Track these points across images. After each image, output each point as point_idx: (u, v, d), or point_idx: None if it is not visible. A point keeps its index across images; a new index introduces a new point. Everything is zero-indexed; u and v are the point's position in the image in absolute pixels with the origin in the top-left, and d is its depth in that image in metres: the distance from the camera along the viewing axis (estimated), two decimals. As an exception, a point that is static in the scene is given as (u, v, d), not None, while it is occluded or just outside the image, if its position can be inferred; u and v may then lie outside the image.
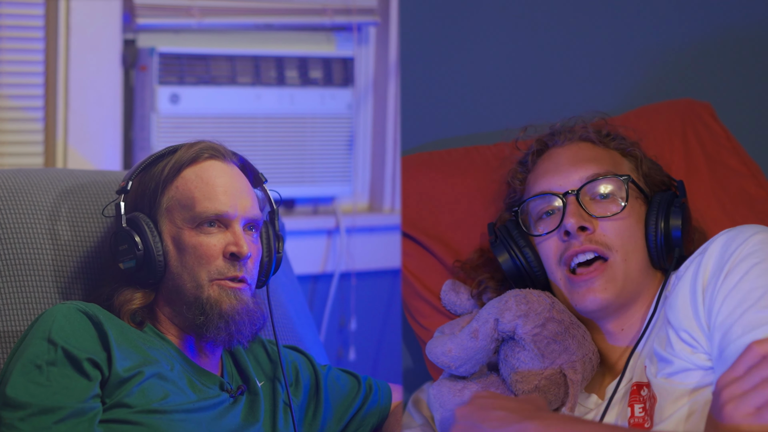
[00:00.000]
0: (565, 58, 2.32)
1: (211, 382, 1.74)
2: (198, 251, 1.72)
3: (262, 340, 1.88)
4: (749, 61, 2.42)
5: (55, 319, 1.64)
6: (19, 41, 2.54)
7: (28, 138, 2.56)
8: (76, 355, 1.61)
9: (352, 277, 2.84)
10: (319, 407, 1.85)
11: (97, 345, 1.64)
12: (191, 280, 1.72)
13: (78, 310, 1.67)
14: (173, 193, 1.74)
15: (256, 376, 1.80)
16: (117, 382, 1.62)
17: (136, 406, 1.62)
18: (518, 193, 1.88)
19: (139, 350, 1.67)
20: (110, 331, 1.65)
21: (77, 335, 1.63)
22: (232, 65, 2.70)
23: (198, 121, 2.66)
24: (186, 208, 1.73)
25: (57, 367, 1.60)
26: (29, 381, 1.59)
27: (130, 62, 2.64)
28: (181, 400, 1.67)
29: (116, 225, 1.75)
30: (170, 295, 1.73)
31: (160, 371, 1.67)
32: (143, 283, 1.73)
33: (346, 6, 2.81)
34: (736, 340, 1.52)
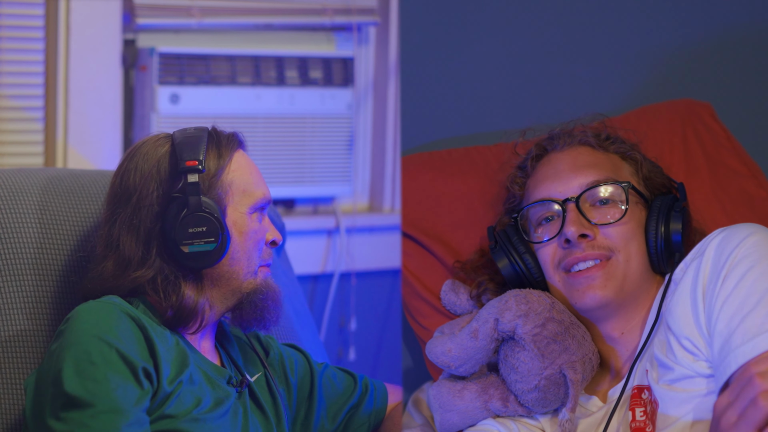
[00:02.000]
0: (565, 58, 2.32)
1: (220, 376, 1.71)
2: (257, 237, 1.71)
3: (258, 335, 1.88)
4: (749, 61, 2.42)
5: (99, 317, 1.57)
6: (19, 41, 2.54)
7: (28, 138, 2.56)
8: (132, 360, 1.54)
9: (352, 277, 2.84)
10: (312, 404, 1.85)
11: (146, 353, 1.57)
12: (249, 265, 1.70)
13: (121, 311, 1.60)
14: (231, 177, 1.70)
15: (246, 370, 1.80)
16: (163, 395, 1.57)
17: (178, 416, 1.58)
18: (518, 198, 1.88)
19: (175, 355, 1.62)
20: (155, 338, 1.59)
21: (130, 339, 1.56)
22: (232, 65, 2.70)
23: (198, 121, 2.65)
24: (245, 193, 1.71)
25: (114, 366, 1.53)
26: (86, 378, 1.51)
27: (130, 62, 2.64)
28: (209, 402, 1.64)
29: (192, 205, 1.64)
30: (219, 280, 1.69)
31: (190, 375, 1.63)
32: (199, 267, 1.66)
33: (346, 6, 2.81)
34: (736, 349, 1.52)
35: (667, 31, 2.37)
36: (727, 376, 1.52)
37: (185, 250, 1.64)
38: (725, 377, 1.52)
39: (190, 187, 1.65)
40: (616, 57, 2.35)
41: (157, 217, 1.67)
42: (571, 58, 2.32)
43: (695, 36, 2.38)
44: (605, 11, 2.35)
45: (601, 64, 2.35)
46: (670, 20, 2.37)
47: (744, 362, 1.49)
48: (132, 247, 1.67)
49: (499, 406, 1.76)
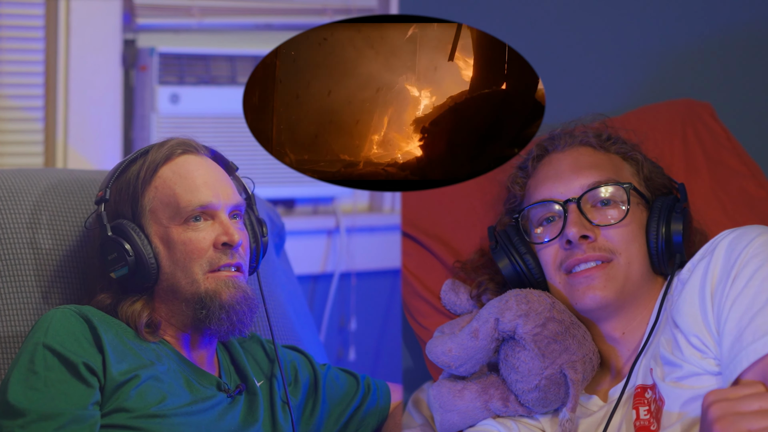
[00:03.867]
0: (565, 58, 2.32)
1: (208, 382, 1.73)
2: (188, 247, 1.71)
3: (260, 339, 1.88)
4: (749, 61, 2.42)
5: (50, 323, 1.63)
6: (19, 41, 2.54)
7: (28, 138, 2.56)
8: (71, 359, 1.60)
9: (352, 277, 2.84)
10: (317, 406, 1.85)
11: (92, 348, 1.63)
12: (186, 277, 1.71)
13: (73, 312, 1.66)
14: (153, 193, 1.73)
15: (255, 375, 1.80)
16: (113, 386, 1.61)
17: (135, 411, 1.61)
18: (518, 198, 1.88)
19: (134, 353, 1.67)
20: (104, 335, 1.64)
21: (72, 339, 1.62)
22: (232, 65, 2.70)
23: (198, 121, 2.66)
24: (169, 205, 1.72)
25: (53, 372, 1.59)
26: (27, 387, 1.58)
27: (130, 62, 2.64)
28: (179, 402, 1.66)
29: (101, 235, 1.73)
30: (166, 295, 1.73)
31: (157, 373, 1.66)
32: (138, 288, 1.72)
33: (346, 6, 2.81)
34: (747, 347, 1.52)
35: (667, 31, 2.37)
36: (738, 373, 1.52)
37: (113, 276, 1.71)
38: (735, 374, 1.53)
39: (98, 218, 1.74)
40: (616, 57, 2.35)
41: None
42: (571, 59, 2.32)
43: (695, 36, 2.38)
44: (605, 11, 2.35)
45: (602, 65, 2.34)
46: (671, 20, 2.37)
47: (755, 359, 1.50)
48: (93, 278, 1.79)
49: (500, 406, 1.76)
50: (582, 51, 2.33)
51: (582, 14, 2.34)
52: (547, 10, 2.31)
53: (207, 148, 1.81)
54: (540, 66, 2.18)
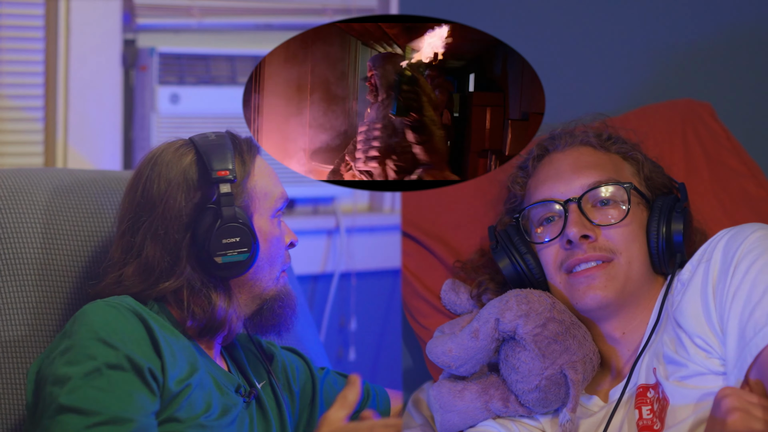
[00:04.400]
0: (565, 58, 2.32)
1: (230, 383, 1.69)
2: (281, 242, 1.70)
3: (259, 340, 1.87)
4: (749, 61, 2.42)
5: (104, 318, 1.54)
6: (19, 41, 2.54)
7: (28, 138, 2.56)
8: (137, 362, 1.50)
9: (352, 277, 2.84)
10: (314, 411, 1.84)
11: (152, 352, 1.54)
12: (271, 271, 1.69)
13: (125, 308, 1.57)
14: (254, 182, 1.69)
15: (255, 376, 1.79)
16: (169, 396, 1.54)
17: (186, 421, 1.55)
18: (518, 198, 1.88)
19: (183, 357, 1.59)
20: (160, 337, 1.56)
21: (132, 339, 1.53)
22: (232, 65, 2.70)
23: (198, 121, 2.66)
24: (267, 197, 1.69)
25: (118, 372, 1.49)
26: (89, 385, 1.48)
27: (130, 62, 2.64)
28: (218, 409, 1.61)
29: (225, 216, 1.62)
30: (242, 288, 1.68)
31: (200, 380, 1.60)
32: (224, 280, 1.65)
33: (346, 6, 2.81)
34: (749, 342, 1.54)
35: (667, 31, 2.37)
36: (745, 371, 1.54)
37: (218, 261, 1.62)
38: (743, 371, 1.54)
39: (224, 198, 1.63)
40: (616, 57, 2.35)
41: (186, 228, 1.64)
42: (571, 58, 2.32)
43: (695, 36, 2.38)
44: (606, 11, 2.35)
45: (602, 64, 2.35)
46: (671, 20, 2.37)
47: (757, 353, 1.51)
48: (157, 255, 1.64)
49: (500, 407, 1.76)
50: (582, 51, 2.33)
51: (582, 14, 2.34)
52: (547, 10, 2.31)
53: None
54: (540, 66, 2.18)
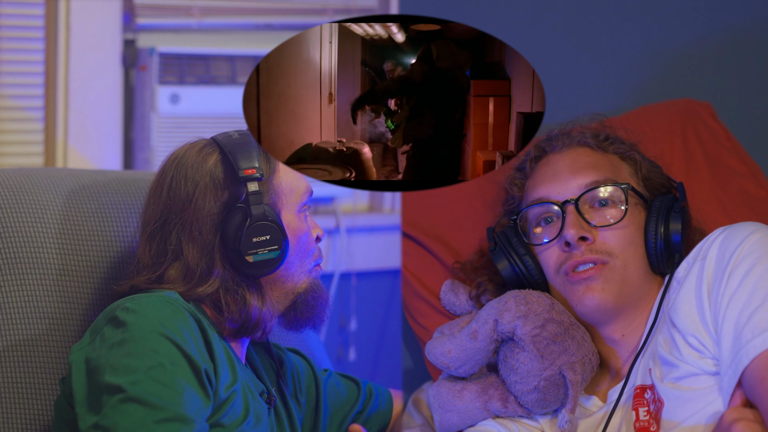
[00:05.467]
0: (565, 58, 2.32)
1: (256, 387, 1.68)
2: (309, 236, 1.69)
3: (267, 343, 1.87)
4: (749, 61, 2.42)
5: (166, 315, 1.50)
6: (19, 41, 2.54)
7: (28, 138, 2.56)
8: (196, 362, 1.48)
9: (352, 277, 2.84)
10: (318, 413, 1.84)
11: (207, 354, 1.52)
12: (302, 265, 1.67)
13: (182, 307, 1.54)
14: (279, 178, 1.68)
15: (269, 381, 1.79)
16: (218, 402, 1.52)
17: (229, 427, 1.53)
18: (516, 200, 1.88)
19: (228, 362, 1.57)
20: (213, 341, 1.53)
21: (191, 338, 1.50)
22: (232, 65, 2.70)
23: (198, 121, 2.66)
24: (293, 192, 1.69)
25: (180, 369, 1.46)
26: (153, 379, 1.44)
27: (130, 62, 2.64)
28: (252, 416, 1.60)
29: (255, 215, 1.61)
30: (274, 285, 1.67)
31: (241, 384, 1.59)
32: (255, 278, 1.63)
33: (346, 6, 2.81)
34: (747, 344, 1.53)
35: (667, 31, 2.37)
36: (740, 372, 1.53)
37: (250, 260, 1.61)
38: (738, 373, 1.53)
39: (253, 197, 1.62)
40: (616, 57, 2.35)
41: (217, 228, 1.63)
42: (571, 58, 2.32)
43: (695, 36, 2.38)
44: (606, 11, 2.35)
45: (601, 64, 2.34)
46: (671, 20, 2.37)
47: (755, 355, 1.51)
48: (196, 257, 1.62)
49: (499, 407, 1.76)
50: (582, 51, 2.33)
51: (582, 14, 2.34)
52: (547, 10, 2.31)
53: None
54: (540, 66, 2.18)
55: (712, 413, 1.58)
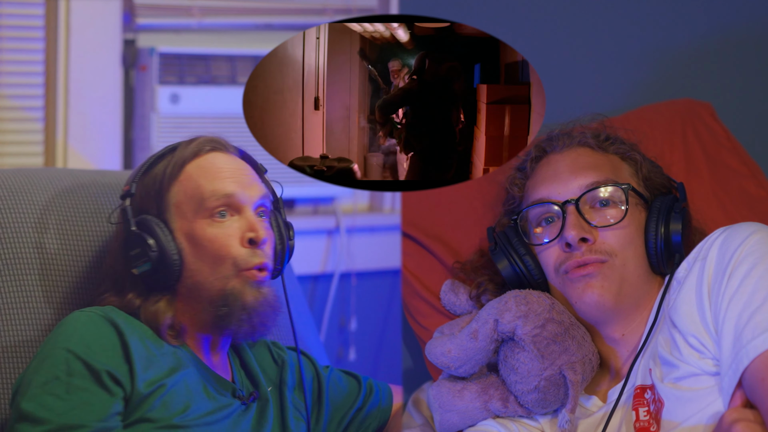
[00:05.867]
0: (565, 58, 2.32)
1: (224, 388, 1.70)
2: (215, 244, 1.67)
3: (267, 343, 1.87)
4: (749, 61, 2.42)
5: (75, 327, 1.59)
6: (19, 41, 2.54)
7: (28, 138, 2.56)
8: (95, 366, 1.55)
9: (352, 277, 2.84)
10: (321, 410, 1.84)
11: (119, 357, 1.58)
12: (213, 274, 1.67)
13: (100, 316, 1.61)
14: (179, 187, 1.70)
15: (265, 380, 1.79)
16: (139, 398, 1.57)
17: (159, 421, 1.57)
18: (517, 200, 1.88)
19: (157, 360, 1.62)
20: (131, 341, 1.59)
21: (99, 345, 1.58)
22: (232, 65, 2.70)
23: (198, 121, 2.66)
24: (194, 198, 1.69)
25: (76, 378, 1.54)
26: (47, 393, 1.53)
27: (130, 62, 2.64)
28: (200, 411, 1.63)
29: (125, 230, 1.70)
30: (189, 294, 1.69)
31: (180, 381, 1.62)
32: (161, 286, 1.68)
33: (346, 6, 2.81)
34: (747, 344, 1.53)
35: (667, 31, 2.37)
36: (740, 372, 1.53)
37: (135, 272, 1.67)
38: (739, 373, 1.54)
39: (123, 212, 1.70)
40: (616, 57, 2.35)
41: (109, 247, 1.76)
42: (571, 58, 2.32)
43: (695, 36, 2.38)
44: (606, 11, 2.35)
45: (601, 64, 2.35)
46: (671, 20, 2.37)
47: (755, 356, 1.51)
48: (110, 275, 1.74)
49: (499, 407, 1.76)
50: (582, 51, 2.33)
51: (582, 14, 2.34)
52: (546, 10, 2.31)
53: (236, 147, 1.78)
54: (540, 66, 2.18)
55: (713, 414, 1.58)
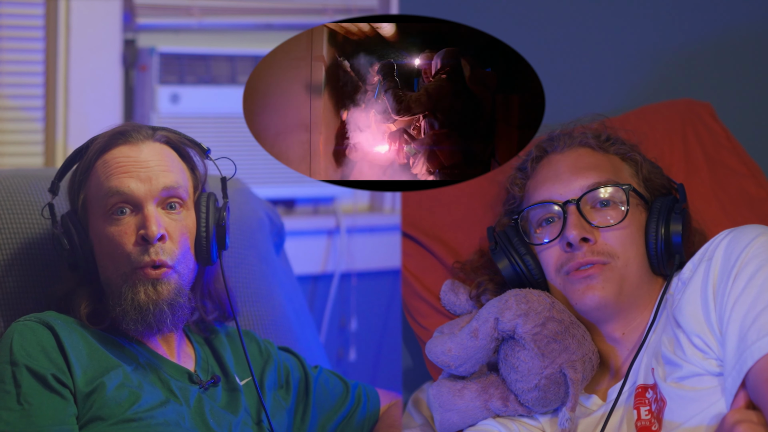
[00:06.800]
0: (565, 58, 2.32)
1: (178, 374, 1.71)
2: (112, 241, 1.67)
3: (256, 338, 1.87)
4: (749, 61, 2.42)
5: (12, 338, 1.60)
6: (19, 41, 2.54)
7: (28, 138, 2.56)
8: (39, 371, 1.57)
9: (352, 277, 2.84)
10: (307, 410, 1.84)
11: (59, 357, 1.59)
12: (115, 271, 1.67)
13: (34, 322, 1.63)
14: (89, 184, 1.72)
15: (237, 373, 1.79)
16: (82, 397, 1.59)
17: (110, 418, 1.58)
18: (517, 200, 1.88)
19: (98, 356, 1.63)
20: (66, 341, 1.61)
21: (38, 349, 1.59)
22: (232, 65, 2.70)
23: (198, 121, 2.66)
24: (97, 196, 1.70)
25: (24, 387, 1.56)
26: (1, 408, 1.55)
27: (130, 62, 2.64)
28: (153, 401, 1.63)
29: (51, 226, 1.73)
30: (105, 289, 1.70)
31: (124, 374, 1.63)
32: (85, 281, 1.70)
33: (346, 6, 2.81)
34: (752, 345, 1.54)
35: (667, 31, 2.37)
36: (744, 373, 1.53)
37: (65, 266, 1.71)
38: (742, 374, 1.54)
39: (50, 208, 1.73)
40: (616, 57, 2.35)
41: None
42: (571, 59, 2.32)
43: (695, 36, 2.38)
44: (605, 11, 2.35)
45: (601, 64, 2.35)
46: (670, 20, 2.37)
47: (759, 356, 1.51)
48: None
49: (500, 406, 1.76)
50: (582, 51, 2.33)
51: (582, 14, 2.34)
52: (546, 10, 2.31)
53: (159, 129, 1.76)
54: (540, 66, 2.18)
55: (715, 414, 1.58)
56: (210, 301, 1.78)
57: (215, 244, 1.74)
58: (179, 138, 1.77)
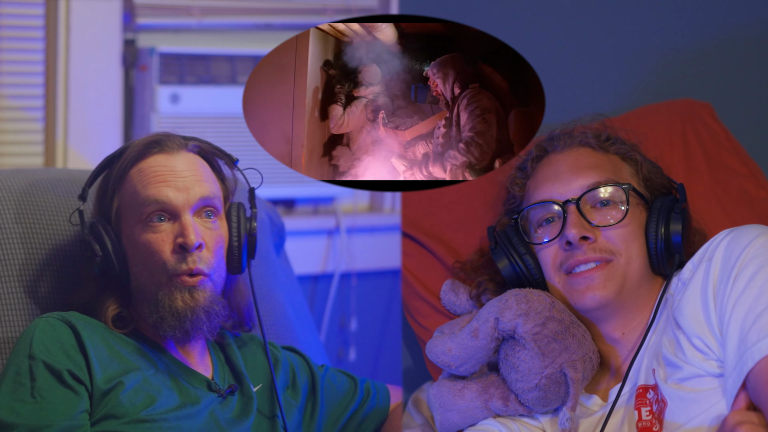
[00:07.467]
0: (565, 58, 2.32)
1: (197, 382, 1.72)
2: (149, 248, 1.69)
3: (260, 342, 1.87)
4: (749, 61, 2.42)
5: (33, 333, 1.62)
6: (19, 41, 2.54)
7: (28, 138, 2.56)
8: (56, 367, 1.59)
9: (352, 277, 2.84)
10: (316, 409, 1.84)
11: (78, 355, 1.62)
12: (150, 278, 1.69)
13: (57, 320, 1.65)
14: (122, 193, 1.73)
15: (251, 379, 1.79)
16: (100, 394, 1.61)
17: (124, 416, 1.60)
18: (518, 199, 1.88)
19: (119, 357, 1.65)
20: (88, 341, 1.63)
21: (57, 346, 1.61)
22: (232, 65, 2.70)
23: (198, 121, 2.66)
24: (132, 204, 1.71)
25: (39, 381, 1.58)
26: (14, 400, 1.57)
27: (130, 62, 2.64)
28: (168, 405, 1.65)
29: (80, 233, 1.74)
30: (137, 296, 1.72)
31: (143, 377, 1.65)
32: (113, 287, 1.72)
33: (346, 6, 2.81)
34: (752, 346, 1.53)
35: (667, 31, 2.37)
36: (745, 374, 1.53)
37: (95, 271, 1.71)
38: (743, 375, 1.54)
39: (80, 216, 1.74)
40: (616, 57, 2.35)
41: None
42: (571, 59, 2.32)
43: (695, 36, 2.38)
44: (605, 11, 2.35)
45: (601, 64, 2.35)
46: (670, 20, 2.37)
47: (760, 358, 1.51)
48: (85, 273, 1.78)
49: (500, 406, 1.76)
50: (582, 51, 2.33)
51: (582, 14, 2.34)
52: (547, 10, 2.31)
53: (191, 141, 1.77)
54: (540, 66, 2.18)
55: (716, 415, 1.58)
56: (229, 310, 1.78)
57: (246, 253, 1.77)
58: (210, 148, 1.79)
